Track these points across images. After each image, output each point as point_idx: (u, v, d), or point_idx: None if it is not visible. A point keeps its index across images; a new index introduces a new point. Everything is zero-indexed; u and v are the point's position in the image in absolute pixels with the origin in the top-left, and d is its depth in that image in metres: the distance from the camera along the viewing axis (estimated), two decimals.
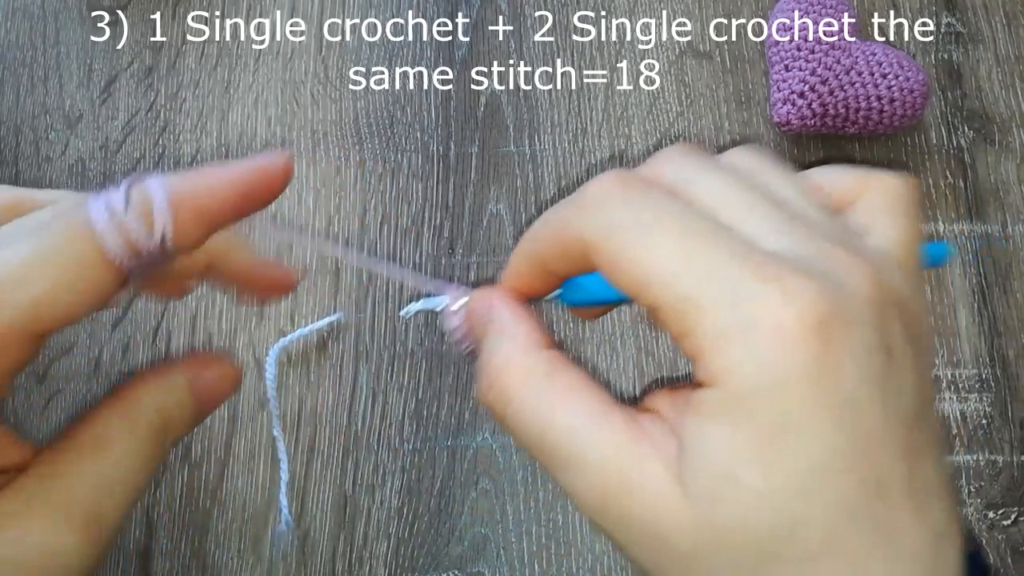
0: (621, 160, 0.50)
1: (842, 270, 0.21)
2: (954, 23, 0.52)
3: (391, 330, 0.47)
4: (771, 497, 0.19)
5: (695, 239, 0.21)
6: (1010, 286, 0.47)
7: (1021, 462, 0.44)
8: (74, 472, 0.24)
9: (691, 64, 0.51)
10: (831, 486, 0.19)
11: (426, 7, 0.53)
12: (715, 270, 0.20)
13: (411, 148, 0.50)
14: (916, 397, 0.21)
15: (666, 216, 0.21)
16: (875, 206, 0.25)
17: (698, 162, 0.24)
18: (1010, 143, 0.50)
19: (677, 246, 0.21)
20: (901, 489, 0.20)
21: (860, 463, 0.19)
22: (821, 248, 0.21)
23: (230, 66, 0.52)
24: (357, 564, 0.43)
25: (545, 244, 0.24)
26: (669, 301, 0.20)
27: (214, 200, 0.23)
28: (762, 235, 0.22)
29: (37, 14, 0.53)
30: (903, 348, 0.21)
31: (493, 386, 0.23)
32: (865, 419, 0.19)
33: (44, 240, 0.21)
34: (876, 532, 0.19)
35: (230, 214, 0.24)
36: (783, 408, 0.19)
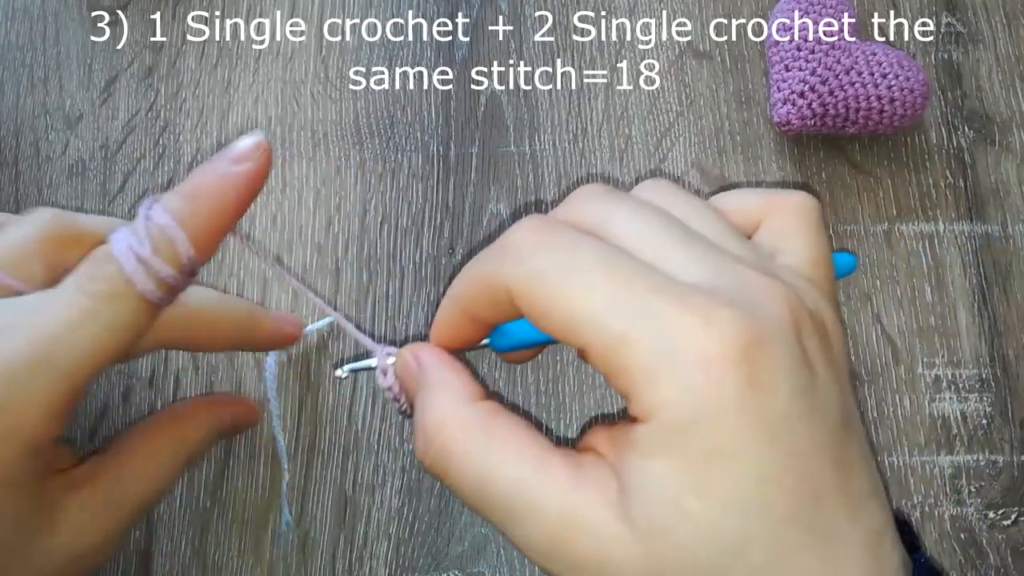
0: (621, 160, 0.50)
1: (759, 294, 0.21)
2: (954, 23, 0.52)
3: (391, 330, 0.47)
4: (713, 520, 0.19)
5: (617, 278, 0.21)
6: (1010, 286, 0.47)
7: (1021, 462, 0.44)
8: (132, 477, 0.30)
9: (691, 64, 0.51)
10: (768, 501, 0.20)
11: (426, 7, 0.53)
12: (639, 306, 0.21)
13: (411, 148, 0.50)
14: (840, 410, 0.21)
15: (588, 258, 0.22)
16: (782, 226, 0.25)
17: (613, 201, 0.24)
18: (1010, 143, 0.50)
19: (601, 287, 0.21)
20: (835, 495, 0.20)
21: (794, 475, 0.20)
22: (737, 275, 0.22)
23: (230, 66, 0.52)
24: (357, 564, 0.43)
25: (471, 294, 0.25)
26: (598, 341, 0.21)
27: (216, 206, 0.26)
28: (681, 267, 0.22)
29: (37, 14, 0.53)
30: (823, 364, 0.21)
31: (431, 446, 0.23)
32: (796, 433, 0.20)
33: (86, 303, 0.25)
34: (814, 538, 0.20)
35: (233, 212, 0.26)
36: (715, 434, 0.19)
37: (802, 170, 0.49)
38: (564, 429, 0.45)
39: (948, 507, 0.43)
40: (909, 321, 0.46)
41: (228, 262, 0.48)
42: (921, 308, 0.47)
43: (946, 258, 0.48)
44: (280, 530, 0.43)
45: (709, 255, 0.23)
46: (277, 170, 0.50)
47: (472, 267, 0.25)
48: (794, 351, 0.21)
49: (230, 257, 0.48)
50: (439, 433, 0.23)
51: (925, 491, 0.44)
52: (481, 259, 0.25)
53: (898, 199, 0.49)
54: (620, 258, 0.22)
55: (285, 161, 0.50)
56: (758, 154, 0.49)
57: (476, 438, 0.23)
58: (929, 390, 0.45)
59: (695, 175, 0.49)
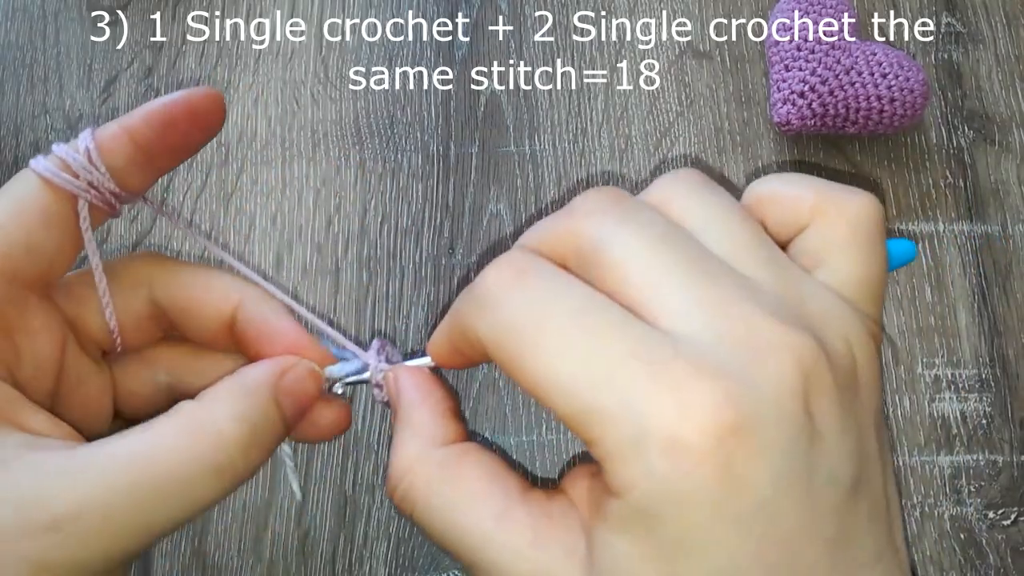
0: (621, 160, 0.50)
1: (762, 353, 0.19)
2: (954, 23, 0.52)
3: (391, 330, 0.47)
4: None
5: (592, 339, 0.19)
6: (1010, 286, 0.47)
7: (1021, 462, 0.44)
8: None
9: (691, 64, 0.51)
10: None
11: (426, 7, 0.53)
12: (610, 377, 0.19)
13: (411, 148, 0.50)
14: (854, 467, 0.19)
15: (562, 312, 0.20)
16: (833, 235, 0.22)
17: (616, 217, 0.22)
18: (1010, 143, 0.50)
19: (572, 349, 0.19)
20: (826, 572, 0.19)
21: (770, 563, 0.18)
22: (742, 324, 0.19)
23: (230, 66, 0.52)
24: (357, 564, 0.43)
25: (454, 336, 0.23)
26: (569, 412, 0.19)
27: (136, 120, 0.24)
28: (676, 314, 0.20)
29: (37, 14, 0.53)
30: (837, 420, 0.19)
31: (397, 488, 0.23)
32: (778, 519, 0.18)
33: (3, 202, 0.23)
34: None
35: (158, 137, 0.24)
36: (682, 525, 0.18)
37: (802, 170, 0.49)
38: (573, 442, 0.45)
39: (948, 507, 0.43)
40: (909, 321, 0.46)
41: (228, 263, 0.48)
42: (921, 308, 0.47)
43: (946, 258, 0.48)
44: (291, 503, 0.43)
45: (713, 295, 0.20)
46: (277, 170, 0.50)
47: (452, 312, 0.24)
48: (792, 426, 0.18)
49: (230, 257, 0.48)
50: (403, 477, 0.22)
51: (925, 491, 0.44)
52: (458, 303, 0.23)
53: (898, 199, 0.49)
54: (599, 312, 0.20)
55: (285, 161, 0.50)
56: (758, 154, 0.49)
57: (438, 487, 0.22)
58: (929, 390, 0.45)
59: None
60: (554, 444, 0.45)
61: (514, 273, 0.21)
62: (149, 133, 0.24)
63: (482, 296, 0.21)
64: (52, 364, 0.24)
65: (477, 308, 0.21)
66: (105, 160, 0.24)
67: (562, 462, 0.45)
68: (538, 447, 0.45)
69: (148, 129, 0.24)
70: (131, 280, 0.26)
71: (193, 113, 0.24)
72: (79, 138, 0.24)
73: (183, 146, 0.25)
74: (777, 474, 0.18)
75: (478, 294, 0.22)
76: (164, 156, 0.25)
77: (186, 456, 0.21)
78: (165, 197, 0.49)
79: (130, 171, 0.24)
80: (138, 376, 0.27)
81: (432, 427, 0.24)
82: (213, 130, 0.25)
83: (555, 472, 0.44)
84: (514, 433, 0.45)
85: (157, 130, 0.24)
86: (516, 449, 0.45)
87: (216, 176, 0.50)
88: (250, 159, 0.50)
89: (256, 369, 0.24)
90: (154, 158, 0.25)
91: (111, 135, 0.24)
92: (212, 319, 0.26)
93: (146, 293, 0.26)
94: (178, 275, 0.27)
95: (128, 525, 0.20)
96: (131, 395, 0.27)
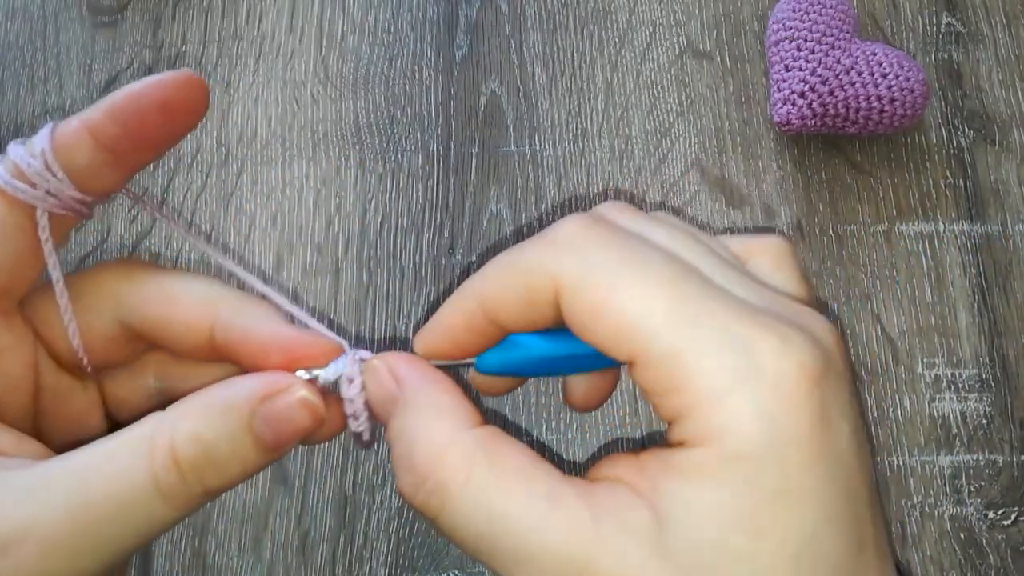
0: (621, 160, 0.50)
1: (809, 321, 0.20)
2: (954, 23, 0.52)
3: (391, 330, 0.47)
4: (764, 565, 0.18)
5: (685, 284, 0.19)
6: (1010, 286, 0.47)
7: (1021, 462, 0.44)
8: None
9: (691, 64, 0.51)
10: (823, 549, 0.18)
11: (426, 7, 0.53)
12: (710, 317, 0.18)
13: (411, 148, 0.50)
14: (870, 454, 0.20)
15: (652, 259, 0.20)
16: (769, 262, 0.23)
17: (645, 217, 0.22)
18: (1010, 143, 0.50)
19: (666, 289, 0.19)
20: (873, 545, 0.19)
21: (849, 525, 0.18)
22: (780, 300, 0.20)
23: (230, 66, 0.52)
24: (357, 564, 0.43)
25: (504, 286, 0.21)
26: (655, 351, 0.18)
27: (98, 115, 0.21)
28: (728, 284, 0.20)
29: (37, 14, 0.53)
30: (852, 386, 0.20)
31: (426, 481, 0.20)
32: (852, 477, 0.18)
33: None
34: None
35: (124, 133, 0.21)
36: (785, 468, 0.18)
37: (802, 170, 0.49)
38: (570, 449, 0.45)
39: (948, 507, 0.43)
40: (909, 321, 0.46)
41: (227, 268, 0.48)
42: (921, 308, 0.47)
43: (946, 258, 0.48)
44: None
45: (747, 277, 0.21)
46: (277, 170, 0.50)
47: (507, 258, 0.21)
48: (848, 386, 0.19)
49: (230, 257, 0.48)
50: (436, 467, 0.20)
51: (925, 491, 0.44)
52: (519, 250, 0.21)
53: (898, 199, 0.49)
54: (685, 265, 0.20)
55: (285, 161, 0.50)
56: (758, 154, 0.49)
57: (479, 472, 0.19)
58: (929, 390, 0.45)
59: (695, 175, 0.49)
60: (554, 443, 0.45)
61: (593, 222, 0.21)
62: (113, 129, 0.21)
63: (563, 238, 0.20)
64: (24, 382, 0.23)
65: (557, 249, 0.20)
66: (65, 162, 0.21)
67: (562, 462, 0.45)
68: (536, 447, 0.45)
69: (112, 124, 0.21)
70: (97, 299, 0.24)
71: (164, 104, 0.21)
72: (36, 137, 0.21)
73: (155, 140, 0.22)
74: (850, 426, 0.19)
75: (557, 237, 0.21)
76: (134, 153, 0.22)
77: (132, 476, 0.19)
78: (165, 197, 0.49)
79: (94, 172, 0.22)
80: (128, 384, 0.25)
81: (458, 406, 0.21)
82: (192, 120, 0.22)
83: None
84: (513, 433, 0.45)
85: (122, 125, 0.21)
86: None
87: (216, 176, 0.50)
88: (250, 159, 0.50)
89: (236, 386, 0.21)
90: (122, 156, 0.22)
91: (71, 133, 0.21)
92: (188, 336, 0.23)
93: (112, 313, 0.24)
94: (146, 290, 0.24)
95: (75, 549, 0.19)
96: (124, 403, 0.25)
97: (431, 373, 0.22)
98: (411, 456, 0.20)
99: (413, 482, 0.20)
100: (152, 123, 0.21)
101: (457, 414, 0.21)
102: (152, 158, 0.23)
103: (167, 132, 0.22)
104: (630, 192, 0.49)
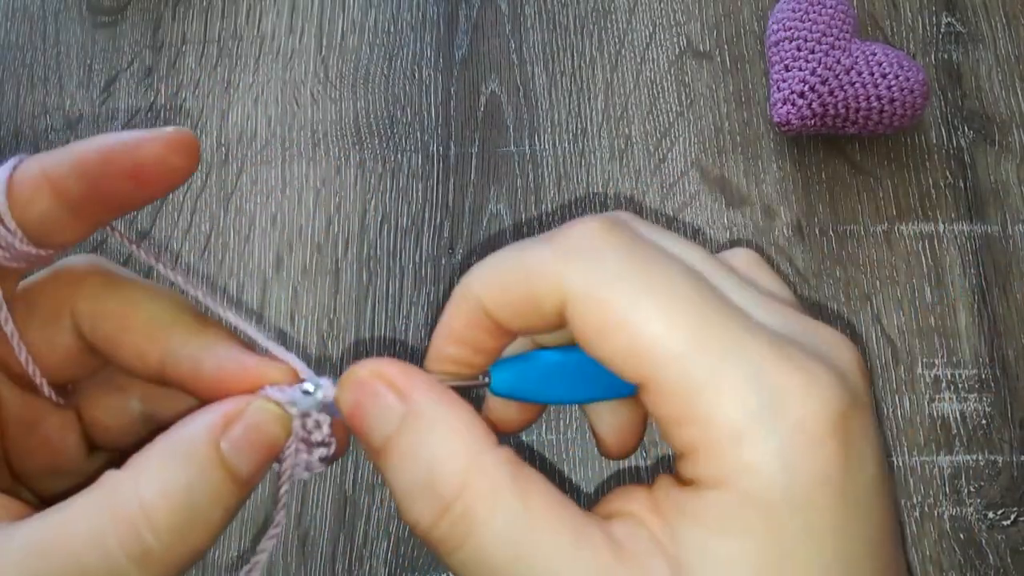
0: (621, 160, 0.50)
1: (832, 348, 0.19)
2: (954, 23, 0.52)
3: (391, 330, 0.47)
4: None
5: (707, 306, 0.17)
6: (1010, 286, 0.47)
7: (1021, 462, 0.44)
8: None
9: (691, 64, 0.51)
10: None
11: (426, 7, 0.53)
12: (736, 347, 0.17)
13: (411, 148, 0.50)
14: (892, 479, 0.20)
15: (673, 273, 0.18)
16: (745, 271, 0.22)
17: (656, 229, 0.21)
18: (1010, 143, 0.50)
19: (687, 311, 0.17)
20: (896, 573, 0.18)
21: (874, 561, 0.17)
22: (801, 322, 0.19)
23: (230, 66, 0.52)
24: (357, 564, 0.43)
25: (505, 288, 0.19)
26: (672, 378, 0.17)
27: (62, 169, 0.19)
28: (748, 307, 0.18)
29: (37, 14, 0.53)
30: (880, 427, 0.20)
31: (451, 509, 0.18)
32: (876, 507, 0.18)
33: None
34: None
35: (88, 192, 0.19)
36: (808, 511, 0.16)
37: (802, 170, 0.49)
38: (570, 449, 0.45)
39: (948, 507, 0.43)
40: (909, 321, 0.46)
41: (228, 263, 0.48)
42: (921, 308, 0.47)
43: (946, 258, 0.48)
44: None
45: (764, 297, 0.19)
46: (277, 170, 0.50)
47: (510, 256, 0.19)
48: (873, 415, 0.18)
49: (230, 257, 0.48)
50: (463, 492, 0.17)
51: (925, 491, 0.44)
52: (526, 247, 0.19)
53: (898, 199, 0.49)
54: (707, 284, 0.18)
55: (285, 161, 0.50)
56: (758, 154, 0.49)
57: (506, 501, 0.17)
58: (929, 390, 0.45)
59: (695, 175, 0.49)
60: (554, 444, 0.45)
61: (609, 225, 0.19)
62: (77, 186, 0.19)
63: (577, 242, 0.18)
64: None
65: (567, 253, 0.18)
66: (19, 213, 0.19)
67: (563, 463, 0.45)
68: (537, 447, 0.45)
69: (76, 181, 0.19)
70: (52, 310, 0.22)
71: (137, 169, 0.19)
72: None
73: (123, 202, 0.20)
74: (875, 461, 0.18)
75: (568, 239, 0.18)
76: (98, 211, 0.20)
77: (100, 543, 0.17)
78: (164, 198, 0.49)
79: (52, 226, 0.19)
80: (109, 407, 0.23)
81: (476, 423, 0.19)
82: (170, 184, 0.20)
83: (555, 475, 0.44)
84: (513, 434, 0.45)
85: (87, 183, 0.19)
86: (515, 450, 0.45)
87: (216, 176, 0.50)
88: (250, 159, 0.50)
89: (192, 424, 0.19)
90: (84, 213, 0.19)
91: (30, 181, 0.19)
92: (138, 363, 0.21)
93: (69, 324, 0.22)
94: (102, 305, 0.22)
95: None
96: (105, 428, 0.23)
97: (437, 384, 0.20)
98: (431, 480, 0.18)
99: (434, 510, 0.18)
100: (120, 187, 0.19)
101: (475, 432, 0.18)
102: (119, 216, 0.21)
103: (138, 196, 0.20)
104: (630, 192, 0.49)
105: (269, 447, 0.20)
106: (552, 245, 0.19)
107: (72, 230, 0.20)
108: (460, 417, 0.19)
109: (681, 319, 0.17)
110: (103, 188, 0.19)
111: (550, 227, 0.48)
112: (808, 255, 0.47)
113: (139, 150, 0.19)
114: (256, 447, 0.19)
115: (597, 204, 0.49)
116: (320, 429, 0.21)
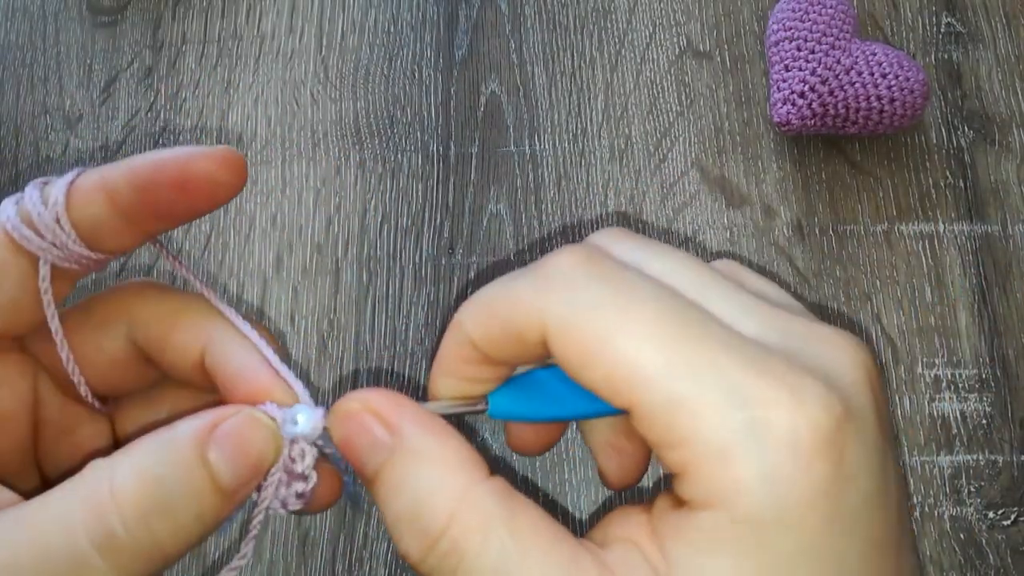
0: (621, 160, 0.50)
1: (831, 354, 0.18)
2: (954, 23, 0.52)
3: (391, 330, 0.47)
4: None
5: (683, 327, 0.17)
6: (1010, 286, 0.47)
7: (1021, 462, 0.44)
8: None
9: (691, 64, 0.51)
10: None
11: (426, 7, 0.53)
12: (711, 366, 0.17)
13: (411, 148, 0.50)
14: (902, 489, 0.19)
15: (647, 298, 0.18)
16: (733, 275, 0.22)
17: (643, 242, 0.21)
18: (1010, 143, 0.50)
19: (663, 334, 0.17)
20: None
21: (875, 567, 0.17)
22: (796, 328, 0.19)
23: (230, 66, 0.52)
24: (357, 564, 0.43)
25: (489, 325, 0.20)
26: (654, 401, 0.17)
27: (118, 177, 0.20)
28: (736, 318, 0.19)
29: (37, 14, 0.53)
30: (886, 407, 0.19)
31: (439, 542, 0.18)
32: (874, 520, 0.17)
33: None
34: None
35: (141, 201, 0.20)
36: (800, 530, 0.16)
37: (802, 170, 0.49)
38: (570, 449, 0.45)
39: (948, 507, 0.43)
40: (909, 321, 0.46)
41: (228, 262, 0.48)
42: (921, 308, 0.47)
43: (946, 258, 0.48)
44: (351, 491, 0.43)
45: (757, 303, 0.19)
46: (277, 170, 0.50)
47: (494, 291, 0.20)
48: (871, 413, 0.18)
49: (230, 257, 0.48)
50: (451, 525, 0.18)
51: (925, 491, 0.44)
52: (508, 282, 0.20)
53: (898, 199, 0.49)
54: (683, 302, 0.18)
55: (285, 161, 0.50)
56: (758, 154, 0.49)
57: (497, 533, 0.17)
58: (929, 390, 0.45)
59: (695, 175, 0.49)
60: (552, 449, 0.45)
61: (588, 255, 0.19)
62: (130, 194, 0.20)
63: (554, 275, 0.19)
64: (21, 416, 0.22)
65: (547, 285, 0.19)
66: (77, 217, 0.20)
67: (556, 467, 0.45)
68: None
69: (129, 189, 0.20)
70: (110, 316, 0.23)
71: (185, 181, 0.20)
72: (55, 186, 0.21)
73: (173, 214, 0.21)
74: (872, 470, 0.17)
75: (548, 272, 0.19)
76: (150, 220, 0.21)
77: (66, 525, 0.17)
78: None
79: (107, 232, 0.21)
80: (142, 418, 0.24)
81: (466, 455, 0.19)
82: (217, 200, 0.21)
83: (548, 481, 0.44)
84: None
85: (140, 192, 0.20)
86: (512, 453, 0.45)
87: None
88: (250, 159, 0.50)
89: (182, 422, 0.19)
90: (137, 221, 0.21)
91: (88, 189, 0.20)
92: (183, 359, 0.22)
93: (124, 330, 0.23)
94: (157, 309, 0.23)
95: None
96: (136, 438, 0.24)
97: (427, 416, 0.20)
98: (418, 514, 0.18)
99: (422, 543, 0.18)
100: (169, 197, 0.20)
101: (466, 464, 0.19)
102: (171, 227, 0.22)
103: (186, 208, 0.21)
104: (630, 192, 0.49)
105: (255, 460, 0.19)
106: (531, 278, 0.19)
107: (123, 236, 0.21)
108: (449, 449, 0.19)
109: (657, 342, 0.17)
110: (153, 197, 0.20)
111: (550, 227, 0.48)
112: (808, 255, 0.47)
113: (189, 163, 0.20)
114: (241, 456, 0.19)
115: (597, 204, 0.49)
116: (303, 460, 0.20)
